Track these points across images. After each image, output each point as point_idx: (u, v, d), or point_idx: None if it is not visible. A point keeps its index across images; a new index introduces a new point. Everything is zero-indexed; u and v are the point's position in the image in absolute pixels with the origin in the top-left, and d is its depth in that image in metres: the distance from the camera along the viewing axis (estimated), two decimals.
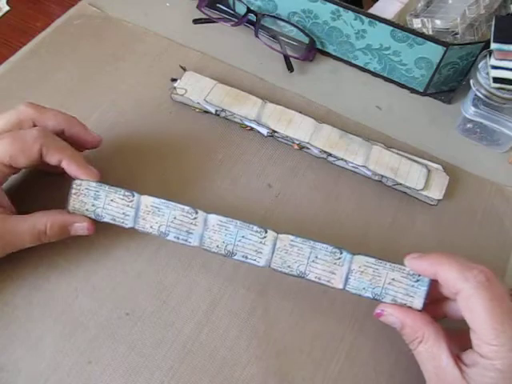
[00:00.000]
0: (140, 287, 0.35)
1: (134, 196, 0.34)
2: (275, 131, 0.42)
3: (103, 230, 0.37)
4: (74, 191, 0.35)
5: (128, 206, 0.34)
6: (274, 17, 0.49)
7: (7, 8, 0.53)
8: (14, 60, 0.47)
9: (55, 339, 0.33)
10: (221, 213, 0.37)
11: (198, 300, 0.35)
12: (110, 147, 0.42)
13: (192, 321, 0.34)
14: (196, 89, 0.44)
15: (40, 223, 0.33)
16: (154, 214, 0.34)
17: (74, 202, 0.35)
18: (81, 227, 0.34)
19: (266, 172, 0.42)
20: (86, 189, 0.34)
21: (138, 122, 0.43)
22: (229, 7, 0.51)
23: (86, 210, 0.35)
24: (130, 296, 0.35)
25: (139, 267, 0.36)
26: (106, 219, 0.35)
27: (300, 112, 0.43)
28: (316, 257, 0.32)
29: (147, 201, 0.34)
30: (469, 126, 0.44)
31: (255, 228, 0.33)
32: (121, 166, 0.41)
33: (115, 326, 0.34)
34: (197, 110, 0.44)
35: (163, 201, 0.34)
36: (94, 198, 0.34)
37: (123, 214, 0.34)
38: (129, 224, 0.34)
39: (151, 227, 0.34)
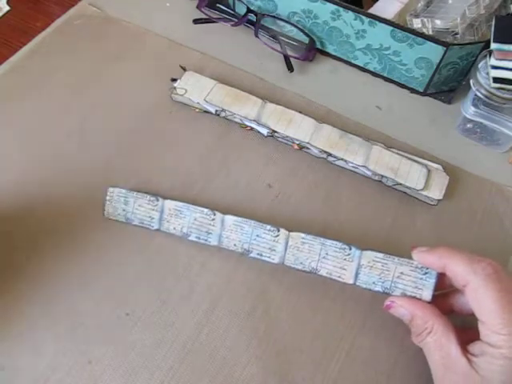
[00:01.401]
0: (140, 287, 0.35)
1: (158, 200, 0.37)
2: (275, 131, 0.42)
3: (103, 230, 0.37)
4: (108, 198, 0.38)
5: (153, 209, 0.37)
6: (274, 17, 0.49)
7: (7, 8, 0.53)
8: (14, 60, 0.47)
9: (55, 339, 0.33)
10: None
11: (198, 300, 0.35)
12: (110, 147, 0.42)
13: (192, 321, 0.34)
14: (196, 89, 0.44)
15: None
16: (176, 216, 0.36)
17: (108, 208, 0.38)
18: None
19: (266, 172, 0.42)
20: (118, 195, 0.37)
21: (138, 122, 0.43)
22: (229, 7, 0.51)
23: (118, 214, 0.37)
24: (130, 296, 0.35)
25: (140, 267, 0.36)
26: (135, 222, 0.37)
27: (300, 112, 0.43)
28: (326, 253, 0.34)
29: (170, 204, 0.37)
30: (469, 126, 0.44)
31: (268, 227, 0.35)
32: (120, 165, 0.41)
33: (115, 326, 0.34)
34: (197, 110, 0.44)
35: (184, 204, 0.36)
36: (124, 204, 0.37)
37: (149, 217, 0.37)
38: (155, 226, 0.37)
39: (174, 229, 0.36)
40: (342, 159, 0.41)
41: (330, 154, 0.41)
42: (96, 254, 0.36)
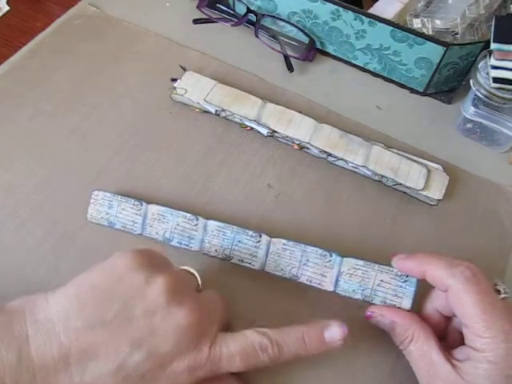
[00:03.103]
0: None
1: (142, 205, 0.36)
2: (275, 131, 0.42)
3: (104, 235, 0.37)
4: (92, 201, 0.37)
5: (137, 214, 0.36)
6: (274, 17, 0.49)
7: (7, 8, 0.53)
8: (14, 60, 0.47)
9: None
10: (221, 213, 0.37)
11: None
12: (110, 147, 0.42)
13: None
14: (196, 89, 0.44)
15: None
16: (159, 221, 0.36)
17: (91, 211, 0.37)
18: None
19: (265, 172, 0.42)
20: (102, 199, 0.37)
21: (138, 122, 0.43)
22: (229, 7, 0.51)
23: (101, 217, 0.37)
24: None
25: None
26: (118, 226, 0.37)
27: (300, 112, 0.43)
28: (307, 260, 0.33)
29: (154, 209, 0.36)
30: (469, 126, 0.44)
31: (250, 233, 0.35)
32: (121, 166, 0.41)
33: None
34: (197, 110, 0.44)
35: (168, 209, 0.36)
36: (108, 207, 0.37)
37: (132, 221, 0.36)
38: (137, 231, 0.36)
39: (157, 233, 0.36)
40: (342, 159, 0.41)
41: (330, 154, 0.41)
42: (96, 257, 0.36)
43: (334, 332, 0.29)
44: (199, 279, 0.32)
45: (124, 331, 0.26)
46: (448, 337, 0.31)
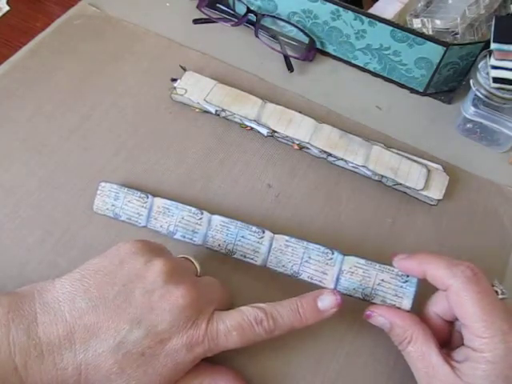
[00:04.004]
0: None
1: (148, 198, 0.37)
2: (275, 131, 0.42)
3: (104, 233, 0.37)
4: (98, 192, 0.38)
5: (142, 206, 0.37)
6: (274, 17, 0.49)
7: (7, 8, 0.53)
8: (14, 60, 0.47)
9: None
10: (221, 213, 0.37)
11: None
12: (110, 147, 0.42)
13: None
14: (196, 89, 0.44)
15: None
16: (164, 214, 0.36)
17: (97, 202, 0.38)
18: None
19: (266, 172, 0.42)
20: (109, 190, 0.38)
21: (138, 122, 0.43)
22: (229, 7, 0.51)
23: (107, 209, 0.37)
24: None
25: None
26: (123, 218, 0.37)
27: (300, 112, 0.43)
28: (309, 257, 0.34)
29: (159, 202, 0.37)
30: (469, 126, 0.44)
31: (254, 228, 0.35)
32: (121, 166, 0.41)
33: None
34: (197, 110, 0.44)
35: (173, 202, 0.36)
36: (114, 199, 0.37)
37: (138, 213, 0.37)
38: (142, 223, 0.37)
39: (161, 226, 0.36)
40: (342, 159, 0.41)
41: (330, 154, 0.41)
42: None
43: (327, 300, 0.30)
44: (198, 266, 0.33)
45: (124, 310, 0.27)
46: (452, 342, 0.31)
